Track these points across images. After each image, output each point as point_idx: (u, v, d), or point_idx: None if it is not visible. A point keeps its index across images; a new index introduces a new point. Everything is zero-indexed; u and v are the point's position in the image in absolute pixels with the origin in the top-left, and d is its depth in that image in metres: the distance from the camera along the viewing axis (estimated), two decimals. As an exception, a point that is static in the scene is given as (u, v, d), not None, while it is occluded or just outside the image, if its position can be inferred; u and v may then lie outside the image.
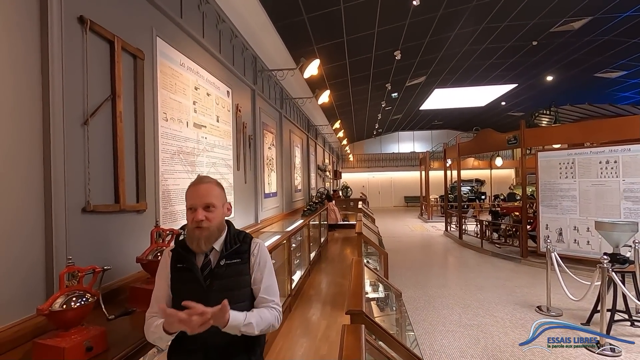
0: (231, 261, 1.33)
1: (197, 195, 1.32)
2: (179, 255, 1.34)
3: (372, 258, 4.45)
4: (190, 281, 1.30)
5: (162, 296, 1.33)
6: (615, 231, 3.71)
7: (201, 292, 1.27)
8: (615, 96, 13.03)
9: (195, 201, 1.31)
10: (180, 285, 1.32)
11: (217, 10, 3.48)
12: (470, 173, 18.62)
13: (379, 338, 1.56)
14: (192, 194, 1.33)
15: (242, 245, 1.38)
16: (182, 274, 1.32)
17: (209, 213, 1.31)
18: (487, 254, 7.74)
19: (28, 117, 1.49)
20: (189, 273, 1.31)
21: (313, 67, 5.02)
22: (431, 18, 6.40)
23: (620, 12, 7.02)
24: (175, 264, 1.34)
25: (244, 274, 1.35)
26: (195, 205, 1.31)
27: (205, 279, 1.30)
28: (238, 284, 1.33)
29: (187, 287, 1.30)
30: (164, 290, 1.34)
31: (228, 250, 1.34)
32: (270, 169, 5.55)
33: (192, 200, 1.32)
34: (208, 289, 1.28)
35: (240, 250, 1.37)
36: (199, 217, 1.29)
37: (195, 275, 1.29)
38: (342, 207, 11.18)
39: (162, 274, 1.36)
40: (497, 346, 3.45)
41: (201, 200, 1.31)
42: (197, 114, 3.06)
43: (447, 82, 11.65)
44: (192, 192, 1.34)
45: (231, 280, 1.32)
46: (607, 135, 6.08)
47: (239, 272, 1.34)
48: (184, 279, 1.31)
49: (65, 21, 1.65)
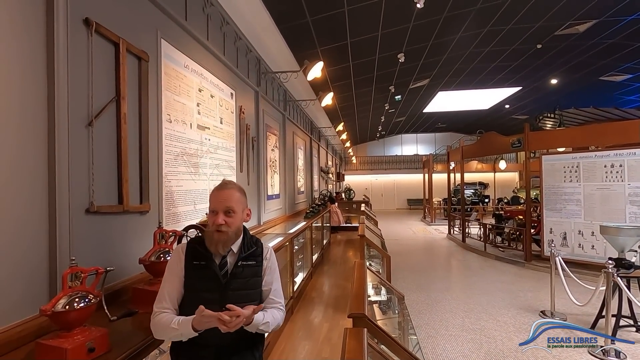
0: (247, 263, 1.41)
1: (219, 200, 1.37)
2: (195, 252, 1.37)
3: (374, 261, 4.43)
4: (208, 278, 1.34)
5: (174, 292, 1.35)
6: (620, 236, 3.68)
7: (219, 290, 1.33)
8: (620, 99, 12.95)
9: (217, 205, 1.36)
10: (196, 282, 1.35)
11: (221, 12, 3.50)
12: (474, 176, 18.55)
13: (381, 341, 1.55)
14: (215, 198, 1.38)
15: (257, 249, 1.46)
16: (199, 271, 1.35)
17: (229, 218, 1.36)
18: (490, 257, 7.69)
19: (33, 118, 1.50)
20: (206, 270, 1.35)
21: (316, 70, 5.02)
22: (435, 21, 6.40)
23: (626, 15, 6.98)
24: (191, 260, 1.37)
25: (257, 275, 1.43)
26: (216, 209, 1.36)
27: (223, 277, 1.35)
28: (252, 284, 1.41)
29: (204, 284, 1.34)
30: (176, 286, 1.36)
31: (245, 253, 1.41)
32: (273, 170, 5.56)
33: (214, 204, 1.37)
34: (226, 286, 1.34)
35: (256, 253, 1.45)
36: (219, 222, 1.33)
37: (214, 272, 1.34)
38: (344, 209, 11.16)
39: (175, 270, 1.37)
40: (500, 351, 3.42)
41: (222, 205, 1.36)
42: (200, 115, 3.07)
43: (451, 84, 11.63)
44: (216, 196, 1.38)
45: (247, 281, 1.39)
46: (612, 138, 6.04)
47: (254, 274, 1.42)
48: (200, 276, 1.35)
49: (71, 23, 1.67)
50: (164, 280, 1.39)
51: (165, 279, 1.39)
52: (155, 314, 1.31)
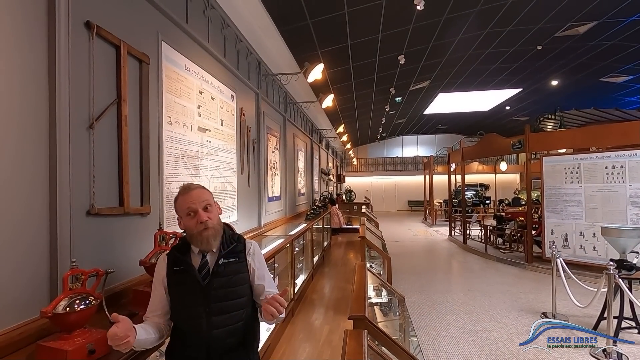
0: (228, 260, 1.39)
1: (193, 200, 1.36)
2: (175, 258, 1.39)
3: (375, 262, 4.43)
4: (189, 282, 1.35)
5: (158, 301, 1.38)
6: (622, 237, 3.67)
7: (200, 291, 1.33)
8: (621, 101, 12.95)
9: (193, 205, 1.35)
10: (179, 287, 1.36)
11: (222, 15, 3.51)
12: (475, 177, 18.54)
13: (382, 343, 1.55)
14: (187, 200, 1.37)
15: (237, 245, 1.44)
16: (180, 275, 1.36)
17: (209, 212, 1.37)
18: (491, 259, 7.68)
19: (35, 121, 1.51)
20: (187, 274, 1.35)
21: (317, 72, 5.04)
22: (435, 22, 6.41)
23: (626, 16, 6.99)
24: (172, 267, 1.38)
25: (242, 271, 1.42)
26: (194, 208, 1.35)
27: (203, 278, 1.34)
28: (237, 281, 1.39)
29: (186, 287, 1.35)
30: (160, 294, 1.38)
31: (225, 250, 1.40)
32: (274, 172, 5.57)
33: (190, 205, 1.36)
34: (207, 287, 1.33)
35: (236, 249, 1.43)
36: (203, 218, 1.34)
37: (193, 274, 1.34)
38: (345, 211, 11.16)
39: (158, 278, 1.40)
40: (501, 352, 3.41)
41: (198, 202, 1.36)
42: (201, 117, 3.08)
43: (451, 86, 11.63)
44: (186, 198, 1.37)
45: (230, 278, 1.38)
46: (613, 140, 6.03)
47: (237, 270, 1.41)
48: (182, 281, 1.36)
49: (73, 26, 1.67)
50: (152, 289, 1.42)
51: (153, 287, 1.42)
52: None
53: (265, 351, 2.73)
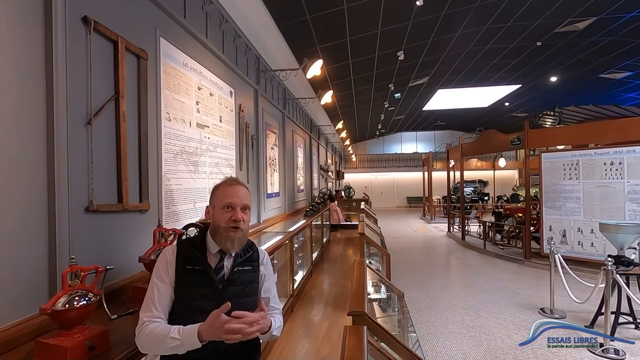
0: (243, 268, 1.31)
1: (237, 195, 1.29)
2: (190, 255, 1.26)
3: (374, 259, 4.44)
4: (203, 285, 1.23)
5: (164, 300, 1.21)
6: (620, 233, 3.69)
7: (215, 297, 1.21)
8: (620, 97, 12.95)
9: (235, 200, 1.28)
10: (190, 289, 1.23)
11: (220, 10, 3.48)
12: (474, 174, 18.55)
13: (381, 339, 1.55)
14: (231, 193, 1.30)
15: (253, 254, 1.37)
16: (194, 276, 1.23)
17: (245, 215, 1.30)
18: (490, 255, 7.71)
19: (32, 117, 1.50)
20: (201, 276, 1.23)
21: (316, 68, 5.01)
22: (434, 18, 6.39)
23: (625, 12, 6.98)
24: (184, 265, 1.25)
25: (254, 281, 1.35)
26: (234, 204, 1.28)
27: (218, 283, 1.25)
28: (249, 291, 1.31)
29: (199, 291, 1.22)
30: (166, 293, 1.22)
31: (243, 257, 1.32)
32: (273, 169, 5.56)
33: (232, 199, 1.28)
34: (222, 294, 1.22)
35: (252, 258, 1.36)
36: (239, 217, 1.27)
37: (211, 278, 1.23)
38: (344, 207, 11.17)
39: (163, 275, 1.24)
40: (499, 348, 3.43)
41: (241, 201, 1.29)
42: (200, 114, 3.07)
43: (451, 82, 11.62)
44: (231, 191, 1.30)
45: (243, 288, 1.29)
46: (612, 136, 6.04)
47: (251, 280, 1.33)
48: (194, 282, 1.23)
49: (70, 21, 1.66)
50: (152, 286, 1.23)
51: (152, 285, 1.23)
52: (145, 324, 1.16)
53: (265, 347, 2.74)
